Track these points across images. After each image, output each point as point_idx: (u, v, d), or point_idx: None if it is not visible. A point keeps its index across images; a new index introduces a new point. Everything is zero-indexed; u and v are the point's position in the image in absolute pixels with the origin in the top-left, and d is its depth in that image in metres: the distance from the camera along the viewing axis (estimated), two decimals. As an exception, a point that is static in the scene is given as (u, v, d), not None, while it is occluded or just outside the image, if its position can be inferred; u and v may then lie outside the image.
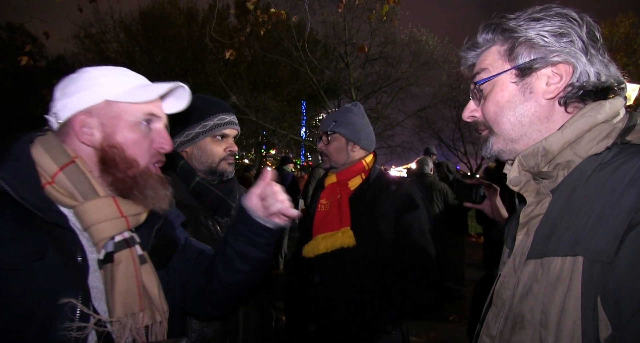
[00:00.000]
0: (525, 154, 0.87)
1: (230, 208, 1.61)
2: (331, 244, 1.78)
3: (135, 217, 1.06)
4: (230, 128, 1.62)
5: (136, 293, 1.01)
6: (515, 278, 0.86)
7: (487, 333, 0.92)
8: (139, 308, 1.01)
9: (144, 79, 1.14)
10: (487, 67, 0.92)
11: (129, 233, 1.06)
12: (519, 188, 0.91)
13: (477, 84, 0.93)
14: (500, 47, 0.90)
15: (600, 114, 0.81)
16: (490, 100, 0.91)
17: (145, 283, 1.04)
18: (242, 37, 6.23)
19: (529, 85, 0.87)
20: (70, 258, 0.95)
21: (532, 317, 0.78)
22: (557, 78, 0.84)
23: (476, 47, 0.96)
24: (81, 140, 1.03)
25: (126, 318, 0.98)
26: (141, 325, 1.01)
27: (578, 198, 0.78)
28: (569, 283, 0.72)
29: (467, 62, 1.00)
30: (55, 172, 0.98)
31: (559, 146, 0.83)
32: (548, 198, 0.86)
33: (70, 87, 1.05)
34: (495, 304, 0.92)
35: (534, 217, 0.88)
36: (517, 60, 0.87)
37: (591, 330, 0.69)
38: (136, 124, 1.06)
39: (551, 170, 0.85)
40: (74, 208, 0.99)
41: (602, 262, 0.69)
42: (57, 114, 1.05)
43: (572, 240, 0.74)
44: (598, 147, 0.80)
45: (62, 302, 0.90)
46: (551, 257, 0.77)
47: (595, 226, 0.72)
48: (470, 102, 0.97)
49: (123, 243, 1.02)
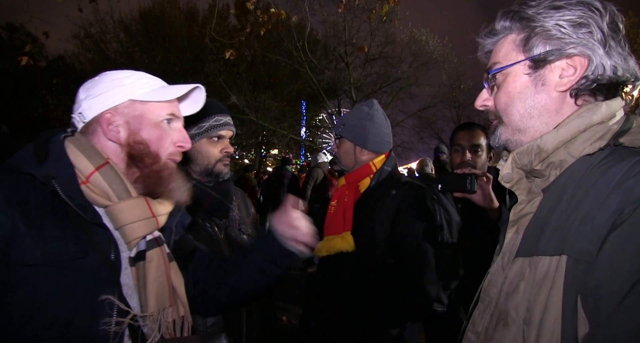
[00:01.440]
0: (520, 151, 0.87)
1: (228, 209, 1.62)
2: (331, 248, 1.80)
3: (163, 216, 1.12)
4: (226, 129, 1.62)
5: (167, 290, 1.07)
6: (503, 276, 0.86)
7: (472, 330, 0.92)
8: (169, 303, 1.07)
9: (163, 81, 1.20)
10: (502, 57, 0.90)
11: (158, 233, 1.11)
12: (511, 186, 0.91)
13: (490, 74, 0.92)
14: (516, 36, 0.89)
15: (596, 115, 0.81)
16: (502, 90, 0.90)
17: (173, 280, 1.10)
18: (242, 37, 6.23)
19: (541, 77, 0.86)
20: (105, 257, 1.00)
21: (516, 315, 0.78)
22: (571, 70, 0.83)
23: (493, 34, 0.93)
24: (108, 137, 1.08)
25: (158, 313, 1.03)
26: (170, 319, 1.07)
27: (568, 198, 0.78)
28: (552, 282, 0.73)
29: (484, 49, 0.98)
30: (91, 172, 1.02)
31: (554, 145, 0.83)
32: (539, 197, 0.86)
33: (95, 88, 1.10)
34: (482, 301, 0.92)
35: (524, 215, 0.88)
36: (532, 51, 0.85)
37: (570, 328, 0.69)
38: (159, 123, 1.12)
39: (544, 168, 0.85)
40: (108, 207, 1.03)
41: (585, 262, 0.69)
42: (83, 113, 1.09)
43: (559, 240, 0.74)
44: (591, 148, 0.80)
45: (102, 298, 0.96)
46: (539, 256, 0.77)
47: (580, 226, 0.72)
48: (484, 90, 0.96)
49: (154, 242, 1.07)
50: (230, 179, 1.71)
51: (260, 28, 5.73)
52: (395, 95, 20.26)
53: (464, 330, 0.97)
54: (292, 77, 20.26)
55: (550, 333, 0.71)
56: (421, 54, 19.15)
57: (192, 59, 18.79)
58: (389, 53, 19.26)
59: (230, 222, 1.66)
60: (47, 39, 5.93)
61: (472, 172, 1.63)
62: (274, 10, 5.54)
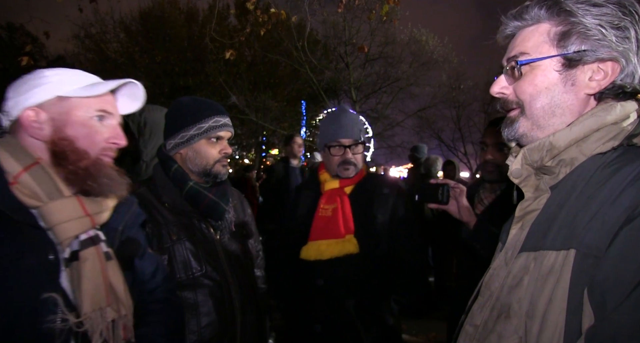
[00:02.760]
0: (531, 148, 0.86)
1: (224, 211, 1.62)
2: (338, 252, 1.83)
3: (99, 215, 1.10)
4: (225, 130, 1.62)
5: (103, 290, 1.04)
6: (506, 270, 0.86)
7: (470, 323, 0.92)
8: (106, 303, 1.04)
9: (98, 78, 1.17)
10: (531, 47, 0.86)
11: (94, 232, 1.09)
12: (519, 182, 0.90)
13: (518, 64, 0.87)
14: (550, 28, 0.84)
15: (610, 115, 0.80)
16: (528, 81, 0.86)
17: (111, 279, 1.07)
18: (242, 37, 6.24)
19: (572, 77, 0.83)
20: (43, 257, 0.99)
21: (519, 308, 0.79)
22: (601, 74, 0.81)
23: (522, 19, 0.88)
24: (30, 134, 1.06)
25: (94, 313, 1.01)
26: (108, 319, 1.05)
27: (578, 195, 0.78)
28: (558, 275, 0.73)
29: (505, 30, 0.92)
30: (18, 173, 1.01)
31: (566, 142, 0.82)
32: (546, 195, 0.86)
33: (23, 86, 1.09)
34: (482, 295, 0.92)
35: (530, 211, 0.88)
36: (567, 49, 0.82)
37: (574, 321, 0.70)
38: (87, 119, 1.10)
39: (554, 166, 0.85)
40: (39, 208, 1.02)
41: (593, 256, 0.69)
42: (9, 112, 1.08)
43: (567, 235, 0.75)
44: (604, 147, 0.80)
45: (44, 297, 0.96)
46: (546, 251, 0.77)
47: (590, 222, 0.72)
48: (502, 77, 0.92)
49: (89, 242, 1.05)
50: (227, 181, 1.71)
51: (260, 28, 5.72)
52: (395, 95, 20.25)
53: (461, 323, 0.97)
54: (292, 77, 20.25)
55: (554, 326, 0.72)
56: (421, 54, 19.13)
57: (192, 59, 18.78)
58: (389, 53, 19.24)
59: (226, 223, 1.67)
60: (47, 39, 5.93)
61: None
62: (274, 11, 5.54)
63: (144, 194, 1.58)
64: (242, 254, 1.70)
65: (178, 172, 1.58)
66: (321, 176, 2.03)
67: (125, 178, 1.16)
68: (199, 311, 1.49)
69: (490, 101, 21.47)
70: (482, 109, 21.72)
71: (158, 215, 1.54)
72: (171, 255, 1.50)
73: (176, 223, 1.55)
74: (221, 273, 1.55)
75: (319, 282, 1.85)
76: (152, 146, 2.15)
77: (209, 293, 1.51)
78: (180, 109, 1.64)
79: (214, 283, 1.53)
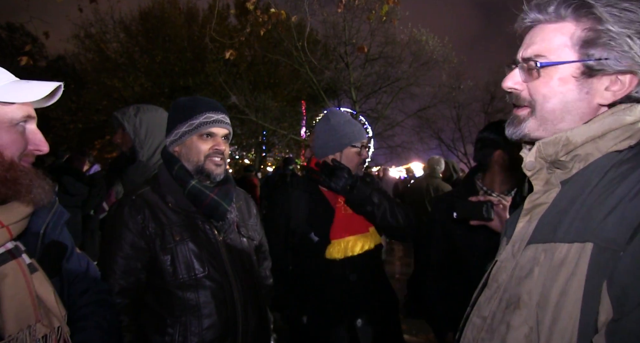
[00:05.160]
0: (547, 141, 0.86)
1: (226, 211, 1.59)
2: (368, 245, 1.94)
3: (17, 224, 0.99)
4: (218, 126, 1.59)
5: (30, 305, 0.95)
6: (514, 262, 0.87)
7: (478, 315, 0.92)
8: (34, 320, 0.95)
9: (10, 74, 1.05)
10: (552, 49, 0.83)
11: (13, 244, 0.99)
12: (531, 174, 0.90)
13: (539, 65, 0.83)
14: (575, 30, 0.80)
15: (629, 116, 0.81)
16: (544, 82, 0.84)
17: (38, 292, 0.98)
18: (242, 37, 6.23)
19: (588, 85, 0.81)
20: None
21: (529, 299, 0.79)
22: (617, 86, 0.80)
23: (545, 12, 0.83)
24: None
25: (21, 333, 0.92)
26: (39, 335, 0.95)
27: (592, 190, 0.79)
28: (574, 267, 0.73)
29: (524, 21, 0.88)
30: None
31: (583, 139, 0.82)
32: (556, 189, 0.87)
33: None
34: (489, 287, 0.92)
35: (539, 205, 0.89)
36: (589, 55, 0.79)
37: (590, 313, 0.71)
38: (13, 126, 0.99)
39: (568, 160, 0.85)
40: None
41: (612, 250, 0.70)
42: None
43: (582, 228, 0.75)
44: (621, 145, 0.80)
45: None
46: (557, 243, 0.78)
47: (608, 216, 0.73)
48: (516, 71, 0.89)
49: (7, 256, 0.95)
50: (231, 180, 1.70)
51: (260, 28, 5.72)
52: (395, 95, 20.26)
53: (467, 316, 0.97)
54: (292, 77, 20.26)
55: (568, 316, 0.72)
56: (421, 54, 19.13)
57: (192, 59, 18.78)
58: (389, 53, 19.25)
59: (229, 224, 1.65)
60: (47, 39, 5.93)
61: (487, 199, 1.61)
62: (274, 11, 5.53)
63: (147, 194, 1.57)
64: (246, 255, 1.68)
65: (181, 171, 1.56)
66: None
67: (47, 181, 1.05)
68: (201, 312, 1.48)
69: (491, 101, 21.49)
70: (482, 109, 21.77)
71: (162, 215, 1.53)
72: (174, 255, 1.49)
73: (179, 224, 1.54)
74: (223, 275, 1.54)
75: (352, 277, 1.92)
76: (149, 146, 2.16)
77: (211, 295, 1.50)
78: (176, 107, 1.63)
79: (217, 285, 1.52)
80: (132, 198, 1.55)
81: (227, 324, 1.51)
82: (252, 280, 1.67)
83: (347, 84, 18.86)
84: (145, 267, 1.51)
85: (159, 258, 1.49)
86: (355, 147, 2.02)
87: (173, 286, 1.48)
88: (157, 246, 1.49)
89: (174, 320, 1.46)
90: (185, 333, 1.45)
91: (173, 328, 1.46)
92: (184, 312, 1.47)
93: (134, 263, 1.49)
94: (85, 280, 1.24)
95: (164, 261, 1.49)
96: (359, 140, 2.02)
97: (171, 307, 1.48)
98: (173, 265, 1.49)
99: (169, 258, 1.49)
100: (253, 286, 1.67)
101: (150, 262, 1.51)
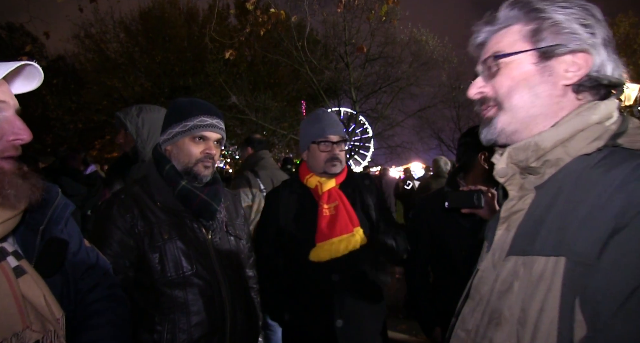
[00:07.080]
0: (517, 147, 0.86)
1: (215, 211, 1.62)
2: (352, 246, 1.90)
3: (2, 225, 0.92)
4: (211, 131, 1.60)
5: (16, 312, 0.88)
6: (495, 274, 0.85)
7: (462, 327, 0.91)
8: (22, 326, 0.89)
9: None
10: (506, 45, 0.88)
11: None
12: (505, 181, 0.90)
13: (496, 58, 0.88)
14: (522, 27, 0.87)
15: (595, 115, 0.80)
16: (505, 75, 0.88)
17: (27, 296, 0.92)
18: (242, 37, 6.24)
19: (548, 68, 0.84)
20: None
21: (510, 315, 0.78)
22: (575, 66, 0.83)
23: (494, 23, 0.90)
24: None
25: (7, 342, 0.87)
26: (29, 341, 0.90)
27: (565, 198, 0.77)
28: (550, 283, 0.72)
29: (476, 39, 0.95)
30: None
31: (552, 143, 0.82)
32: (531, 195, 0.86)
33: None
34: (472, 298, 0.91)
35: (516, 212, 0.87)
36: (540, 43, 0.84)
37: (567, 330, 0.69)
38: None
39: (539, 166, 0.84)
40: None
41: (584, 264, 0.68)
42: None
43: (557, 240, 0.74)
44: (589, 148, 0.79)
45: None
46: (535, 256, 0.76)
47: (580, 228, 0.71)
48: (478, 79, 0.94)
49: None
50: (219, 181, 1.72)
51: (260, 28, 5.72)
52: (395, 95, 20.28)
53: (452, 327, 0.96)
54: (292, 77, 20.28)
55: (546, 335, 0.70)
56: (421, 54, 19.15)
57: (192, 59, 18.80)
58: (389, 53, 19.28)
59: (218, 223, 1.67)
60: (47, 39, 5.93)
61: (477, 188, 1.70)
62: (273, 10, 5.53)
63: (138, 193, 1.58)
64: (234, 254, 1.70)
65: (171, 171, 1.58)
66: (309, 178, 2.04)
67: (34, 179, 0.97)
68: (189, 310, 1.49)
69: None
70: (482, 109, 21.75)
71: (150, 214, 1.55)
72: (162, 253, 1.51)
73: (168, 223, 1.55)
74: (211, 273, 1.56)
75: (334, 278, 1.91)
76: (151, 146, 2.16)
77: (199, 293, 1.52)
78: (173, 107, 1.65)
79: (205, 283, 1.54)
80: (121, 197, 1.57)
81: (215, 321, 1.53)
82: (240, 278, 1.70)
83: (347, 84, 18.88)
84: (133, 265, 1.52)
85: (147, 256, 1.50)
86: (317, 143, 1.98)
87: (161, 284, 1.49)
88: (145, 244, 1.50)
89: (162, 318, 1.48)
90: (173, 330, 1.47)
91: (162, 326, 1.47)
92: (172, 310, 1.48)
93: (122, 261, 1.50)
94: (95, 275, 1.21)
95: (152, 259, 1.50)
96: (322, 135, 1.97)
97: (159, 304, 1.49)
98: (161, 263, 1.50)
99: (157, 257, 1.50)
100: (241, 284, 1.69)
101: (139, 260, 1.52)
